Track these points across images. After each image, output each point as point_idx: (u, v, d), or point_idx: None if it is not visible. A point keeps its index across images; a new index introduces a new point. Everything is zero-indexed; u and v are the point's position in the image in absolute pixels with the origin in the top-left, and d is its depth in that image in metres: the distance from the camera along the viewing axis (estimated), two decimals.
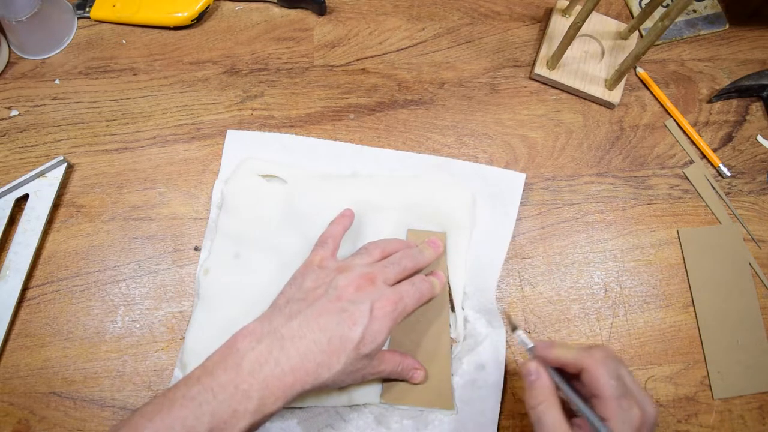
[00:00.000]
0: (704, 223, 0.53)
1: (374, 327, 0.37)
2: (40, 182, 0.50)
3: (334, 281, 0.39)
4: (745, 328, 0.49)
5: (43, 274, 0.49)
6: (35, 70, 0.56)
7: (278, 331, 0.36)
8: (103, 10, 0.57)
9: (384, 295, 0.39)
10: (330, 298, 0.38)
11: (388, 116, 0.55)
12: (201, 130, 0.54)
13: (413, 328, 0.46)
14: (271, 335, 0.36)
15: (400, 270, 0.41)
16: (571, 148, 0.55)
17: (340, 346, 0.36)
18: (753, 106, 0.57)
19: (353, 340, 0.37)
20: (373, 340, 0.37)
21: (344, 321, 0.37)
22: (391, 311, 0.38)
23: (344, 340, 0.36)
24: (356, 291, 0.38)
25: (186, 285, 0.49)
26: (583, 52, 0.57)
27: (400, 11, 0.60)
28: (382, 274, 0.40)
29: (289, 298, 0.39)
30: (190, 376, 0.35)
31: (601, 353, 0.36)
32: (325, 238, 0.44)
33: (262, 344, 0.36)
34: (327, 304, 0.38)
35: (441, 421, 0.45)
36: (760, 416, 0.47)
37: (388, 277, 0.40)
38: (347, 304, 0.38)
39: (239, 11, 0.59)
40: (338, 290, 0.38)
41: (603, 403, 0.34)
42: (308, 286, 0.40)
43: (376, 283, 0.39)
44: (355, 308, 0.37)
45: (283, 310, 0.38)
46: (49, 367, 0.46)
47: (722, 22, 0.60)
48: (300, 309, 0.38)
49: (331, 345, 0.36)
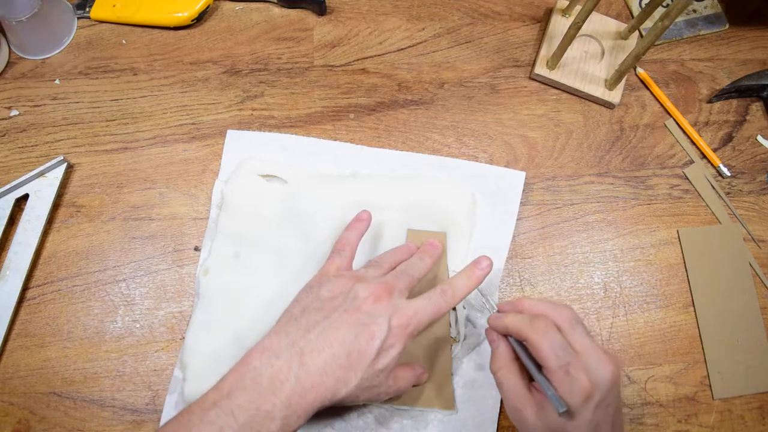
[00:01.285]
0: (704, 223, 0.53)
1: (390, 341, 0.36)
2: (40, 182, 0.50)
3: (353, 291, 0.38)
4: (745, 328, 0.49)
5: (43, 274, 0.49)
6: (35, 70, 0.56)
7: (297, 345, 0.35)
8: (103, 10, 0.58)
9: (400, 310, 0.38)
10: (348, 309, 0.37)
11: (388, 116, 0.55)
12: (201, 130, 0.54)
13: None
14: (289, 349, 0.35)
15: (411, 280, 0.41)
16: (571, 148, 0.55)
17: (357, 360, 0.35)
18: (753, 106, 0.57)
19: (371, 354, 0.36)
20: (388, 355, 0.36)
21: (362, 334, 0.36)
22: (406, 326, 0.37)
23: (362, 354, 0.35)
24: (375, 302, 0.37)
25: (186, 285, 0.49)
26: (583, 52, 0.57)
27: (400, 11, 0.60)
28: (396, 284, 0.39)
29: (305, 308, 0.38)
30: (204, 400, 0.34)
31: (543, 324, 0.35)
32: (342, 246, 0.43)
33: (281, 360, 0.35)
34: (345, 316, 0.37)
35: (441, 421, 0.45)
36: (760, 416, 0.47)
37: (402, 288, 0.40)
38: (365, 316, 0.37)
39: (239, 11, 0.59)
40: (357, 301, 0.37)
41: (548, 373, 0.34)
42: (325, 295, 0.38)
43: (393, 295, 0.38)
44: (373, 321, 0.36)
45: (300, 321, 0.37)
46: (49, 367, 0.46)
47: (722, 22, 0.60)
48: (317, 320, 0.37)
49: (349, 359, 0.35)
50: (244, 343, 0.45)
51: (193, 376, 0.44)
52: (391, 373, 0.38)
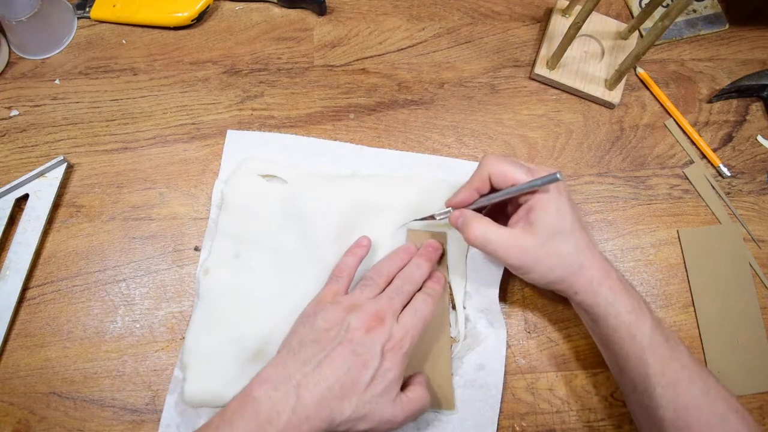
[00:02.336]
0: (704, 223, 0.53)
1: (385, 366, 0.38)
2: (40, 182, 0.50)
3: (345, 322, 0.39)
4: (745, 328, 0.49)
5: (43, 274, 0.49)
6: (35, 70, 0.56)
7: (293, 378, 0.37)
8: (103, 10, 0.58)
9: (393, 335, 0.39)
10: (342, 341, 0.38)
11: (388, 116, 0.55)
12: (201, 130, 0.54)
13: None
14: (286, 383, 0.37)
15: (405, 298, 0.42)
16: (571, 148, 0.55)
17: (351, 389, 0.37)
18: (753, 106, 0.57)
19: (364, 382, 0.37)
20: (385, 379, 0.38)
21: (355, 365, 0.38)
22: (399, 348, 0.39)
23: (355, 383, 0.37)
24: (367, 333, 0.39)
25: (186, 285, 0.49)
26: (583, 52, 0.57)
27: (400, 11, 0.60)
28: (390, 308, 0.41)
29: (302, 340, 0.40)
30: (209, 424, 0.36)
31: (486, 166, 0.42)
32: (339, 272, 0.44)
33: (278, 392, 0.36)
34: (339, 348, 0.38)
35: (441, 421, 0.45)
36: (760, 416, 0.47)
37: (396, 309, 0.41)
38: (359, 347, 0.38)
39: (239, 11, 0.59)
40: (350, 332, 0.39)
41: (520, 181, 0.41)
42: (320, 326, 0.40)
43: (386, 321, 0.40)
44: (366, 351, 0.38)
45: (298, 355, 0.39)
46: (49, 367, 0.46)
47: (722, 22, 0.60)
48: (314, 353, 0.38)
49: (343, 390, 0.37)
50: (244, 343, 0.45)
51: (193, 376, 0.44)
52: (395, 400, 0.39)
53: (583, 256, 0.41)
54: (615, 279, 0.41)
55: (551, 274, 0.41)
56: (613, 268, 0.42)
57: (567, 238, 0.40)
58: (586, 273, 0.41)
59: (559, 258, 0.40)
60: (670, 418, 0.38)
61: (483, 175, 0.42)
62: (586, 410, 0.47)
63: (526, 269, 0.41)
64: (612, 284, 0.41)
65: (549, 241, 0.40)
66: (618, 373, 0.43)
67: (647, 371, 0.39)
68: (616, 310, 0.40)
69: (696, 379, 0.39)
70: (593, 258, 0.41)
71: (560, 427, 0.46)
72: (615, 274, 0.41)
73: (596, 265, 0.41)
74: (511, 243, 0.41)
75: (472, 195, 0.43)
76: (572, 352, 0.48)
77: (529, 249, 0.40)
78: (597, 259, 0.41)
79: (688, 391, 0.38)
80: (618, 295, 0.40)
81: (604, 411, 0.47)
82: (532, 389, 0.47)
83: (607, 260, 0.42)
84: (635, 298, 0.41)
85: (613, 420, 0.47)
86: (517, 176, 0.41)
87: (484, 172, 0.42)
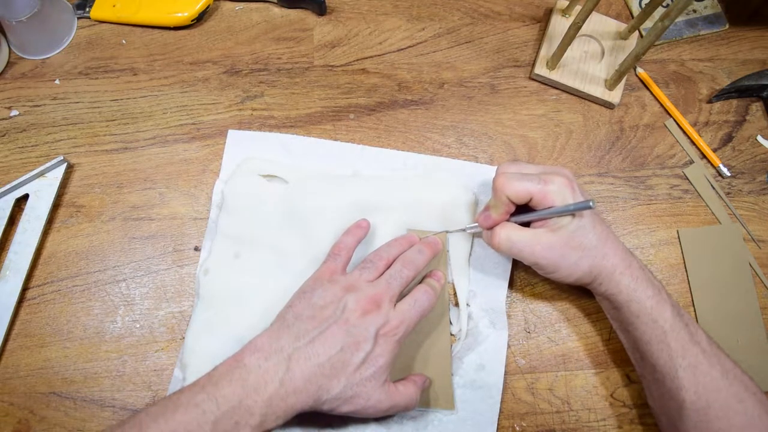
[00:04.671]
0: (704, 223, 0.53)
1: (377, 351, 0.38)
2: (40, 182, 0.50)
3: (343, 302, 0.39)
4: (745, 328, 0.49)
5: (43, 274, 0.49)
6: (35, 70, 0.56)
7: (285, 351, 0.37)
8: (103, 10, 0.58)
9: (388, 321, 0.39)
10: (337, 320, 0.39)
11: (388, 116, 0.55)
12: (201, 130, 0.54)
13: (414, 329, 0.46)
14: (278, 354, 0.37)
15: (403, 282, 0.42)
16: (571, 148, 0.55)
17: (341, 369, 0.37)
18: (753, 106, 0.57)
19: (354, 363, 0.38)
20: (375, 364, 0.38)
21: (349, 346, 0.38)
22: (393, 334, 0.39)
23: (345, 363, 0.38)
24: (363, 316, 0.39)
25: (186, 285, 0.49)
26: (583, 52, 0.57)
27: (400, 11, 0.60)
28: (387, 293, 0.41)
29: (298, 315, 0.40)
30: (195, 384, 0.36)
31: (503, 191, 0.42)
32: (338, 249, 0.44)
33: (269, 362, 0.37)
34: (334, 327, 0.38)
35: (441, 421, 0.45)
36: None
37: (394, 293, 0.41)
38: (353, 329, 0.38)
39: (239, 11, 0.59)
40: (346, 313, 0.39)
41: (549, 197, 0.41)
42: (317, 303, 0.40)
43: (383, 305, 0.40)
44: (359, 333, 0.38)
45: (292, 328, 0.39)
46: (49, 367, 0.46)
47: (722, 22, 0.60)
48: (308, 329, 0.38)
49: (333, 369, 0.37)
50: (245, 342, 0.45)
51: (193, 376, 0.44)
52: (383, 385, 0.39)
53: (606, 245, 0.42)
54: (636, 266, 0.42)
55: (578, 269, 0.42)
56: (632, 255, 0.43)
57: (588, 230, 0.42)
58: (610, 261, 0.42)
59: (584, 250, 0.41)
60: (691, 399, 0.39)
61: (503, 199, 0.42)
62: (586, 410, 0.47)
63: (553, 266, 0.42)
64: (633, 272, 0.42)
65: (572, 236, 0.41)
66: (638, 358, 0.43)
67: (670, 354, 0.40)
68: (638, 296, 0.41)
69: (715, 362, 0.40)
70: (615, 247, 0.43)
71: (560, 427, 0.46)
72: (636, 262, 0.43)
73: (618, 253, 0.42)
74: (535, 242, 0.42)
75: (503, 218, 0.44)
76: (572, 352, 0.48)
77: (555, 246, 0.41)
78: (618, 248, 0.43)
79: (709, 373, 0.39)
80: (640, 282, 0.42)
81: (604, 411, 0.47)
82: (532, 389, 0.47)
83: (626, 248, 0.43)
84: (655, 284, 0.42)
85: (613, 420, 0.47)
86: (531, 190, 0.41)
87: (502, 196, 0.42)
